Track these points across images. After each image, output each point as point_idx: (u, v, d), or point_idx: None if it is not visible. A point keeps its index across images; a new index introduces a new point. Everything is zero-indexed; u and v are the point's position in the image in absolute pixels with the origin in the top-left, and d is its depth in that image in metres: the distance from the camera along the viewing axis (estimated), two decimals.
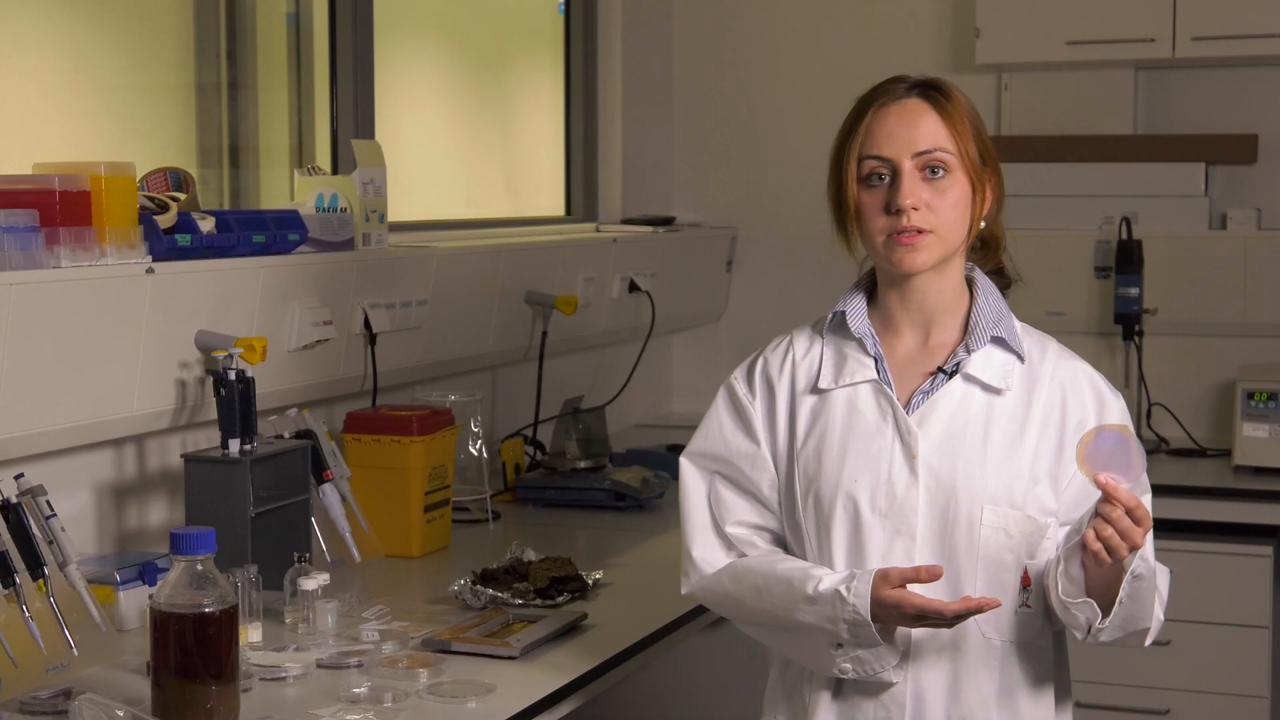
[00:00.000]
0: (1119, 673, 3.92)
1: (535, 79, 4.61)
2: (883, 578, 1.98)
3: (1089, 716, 3.94)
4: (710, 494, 2.18)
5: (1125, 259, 4.28)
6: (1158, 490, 2.00)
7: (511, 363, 3.90)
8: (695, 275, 4.70)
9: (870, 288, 2.18)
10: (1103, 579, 1.99)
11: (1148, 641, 2.08)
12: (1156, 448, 4.22)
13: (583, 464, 3.65)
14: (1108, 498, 1.92)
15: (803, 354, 2.17)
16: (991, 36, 4.34)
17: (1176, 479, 3.91)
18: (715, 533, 2.17)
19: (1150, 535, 1.99)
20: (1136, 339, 4.31)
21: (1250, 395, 3.95)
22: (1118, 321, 4.31)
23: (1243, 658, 3.84)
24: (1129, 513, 1.91)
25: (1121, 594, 1.97)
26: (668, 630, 2.63)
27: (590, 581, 2.81)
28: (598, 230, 4.49)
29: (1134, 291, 4.27)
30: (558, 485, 3.57)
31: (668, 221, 4.58)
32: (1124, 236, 4.29)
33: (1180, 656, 3.87)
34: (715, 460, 2.19)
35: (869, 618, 1.98)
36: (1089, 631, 2.01)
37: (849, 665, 2.03)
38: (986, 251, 2.18)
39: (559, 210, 4.64)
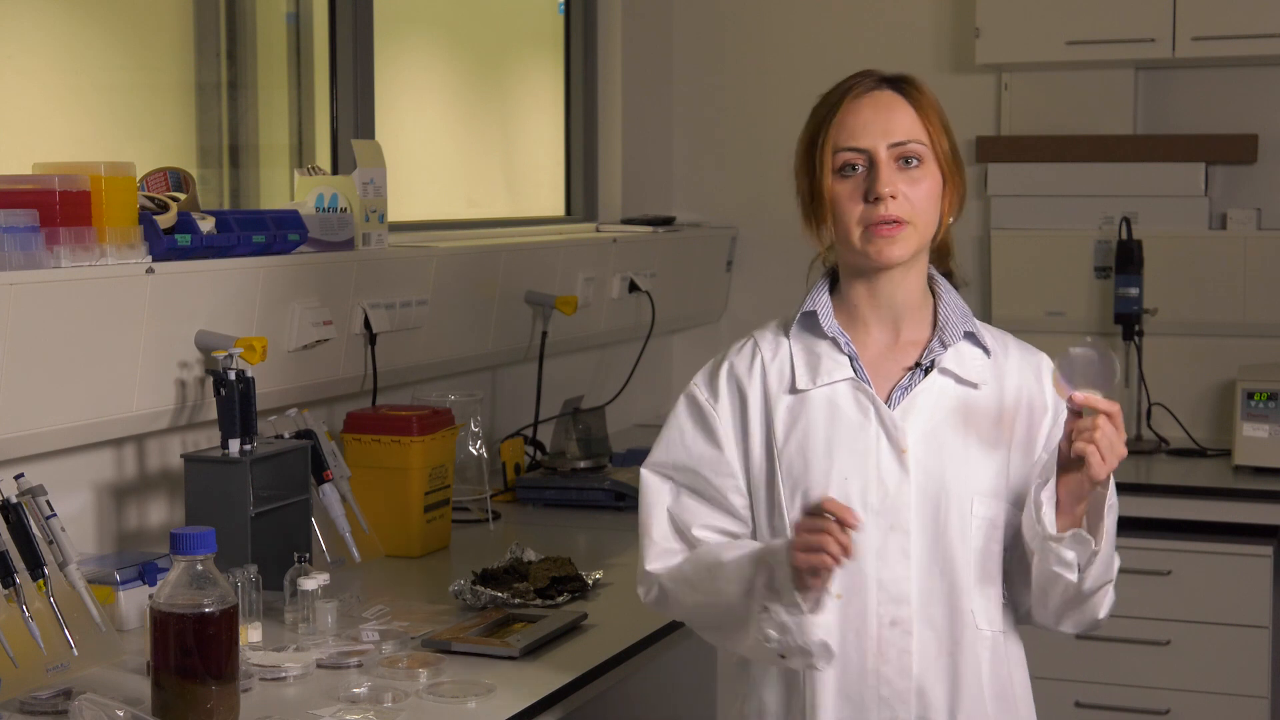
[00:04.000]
0: (1119, 673, 3.92)
1: (535, 79, 4.61)
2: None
3: (1089, 716, 3.94)
4: (673, 505, 2.14)
5: (1125, 259, 4.28)
6: (1158, 490, 2.00)
7: (511, 363, 3.90)
8: (695, 275, 4.69)
9: (832, 284, 2.18)
10: (1072, 523, 2.00)
11: (1103, 612, 2.09)
12: (1156, 448, 4.21)
13: (583, 464, 3.65)
14: (1078, 409, 1.94)
15: (771, 355, 2.15)
16: (991, 36, 4.34)
17: (1176, 479, 3.89)
18: (676, 539, 2.13)
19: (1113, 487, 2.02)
20: (1136, 339, 4.30)
21: (1250, 395, 3.94)
22: (1118, 321, 4.30)
23: (1243, 658, 3.84)
24: (1109, 419, 1.95)
25: (1105, 521, 2.00)
26: (667, 630, 2.63)
27: (590, 581, 2.82)
28: (598, 230, 4.49)
29: (1134, 291, 4.27)
30: (558, 485, 3.57)
31: (668, 221, 4.58)
32: (1124, 236, 4.29)
33: (1180, 656, 3.87)
34: (678, 469, 2.14)
35: (785, 547, 1.94)
36: (1079, 571, 2.00)
37: (773, 632, 1.96)
38: (939, 256, 2.18)
39: (559, 210, 4.63)
